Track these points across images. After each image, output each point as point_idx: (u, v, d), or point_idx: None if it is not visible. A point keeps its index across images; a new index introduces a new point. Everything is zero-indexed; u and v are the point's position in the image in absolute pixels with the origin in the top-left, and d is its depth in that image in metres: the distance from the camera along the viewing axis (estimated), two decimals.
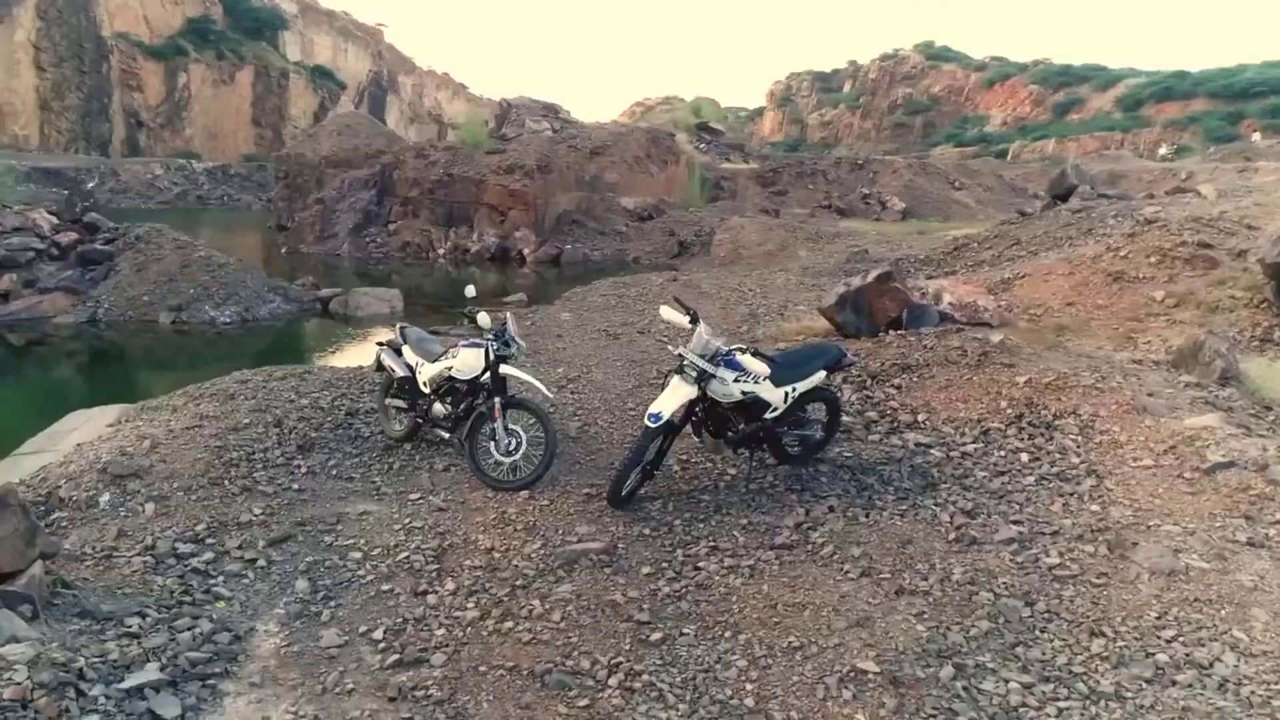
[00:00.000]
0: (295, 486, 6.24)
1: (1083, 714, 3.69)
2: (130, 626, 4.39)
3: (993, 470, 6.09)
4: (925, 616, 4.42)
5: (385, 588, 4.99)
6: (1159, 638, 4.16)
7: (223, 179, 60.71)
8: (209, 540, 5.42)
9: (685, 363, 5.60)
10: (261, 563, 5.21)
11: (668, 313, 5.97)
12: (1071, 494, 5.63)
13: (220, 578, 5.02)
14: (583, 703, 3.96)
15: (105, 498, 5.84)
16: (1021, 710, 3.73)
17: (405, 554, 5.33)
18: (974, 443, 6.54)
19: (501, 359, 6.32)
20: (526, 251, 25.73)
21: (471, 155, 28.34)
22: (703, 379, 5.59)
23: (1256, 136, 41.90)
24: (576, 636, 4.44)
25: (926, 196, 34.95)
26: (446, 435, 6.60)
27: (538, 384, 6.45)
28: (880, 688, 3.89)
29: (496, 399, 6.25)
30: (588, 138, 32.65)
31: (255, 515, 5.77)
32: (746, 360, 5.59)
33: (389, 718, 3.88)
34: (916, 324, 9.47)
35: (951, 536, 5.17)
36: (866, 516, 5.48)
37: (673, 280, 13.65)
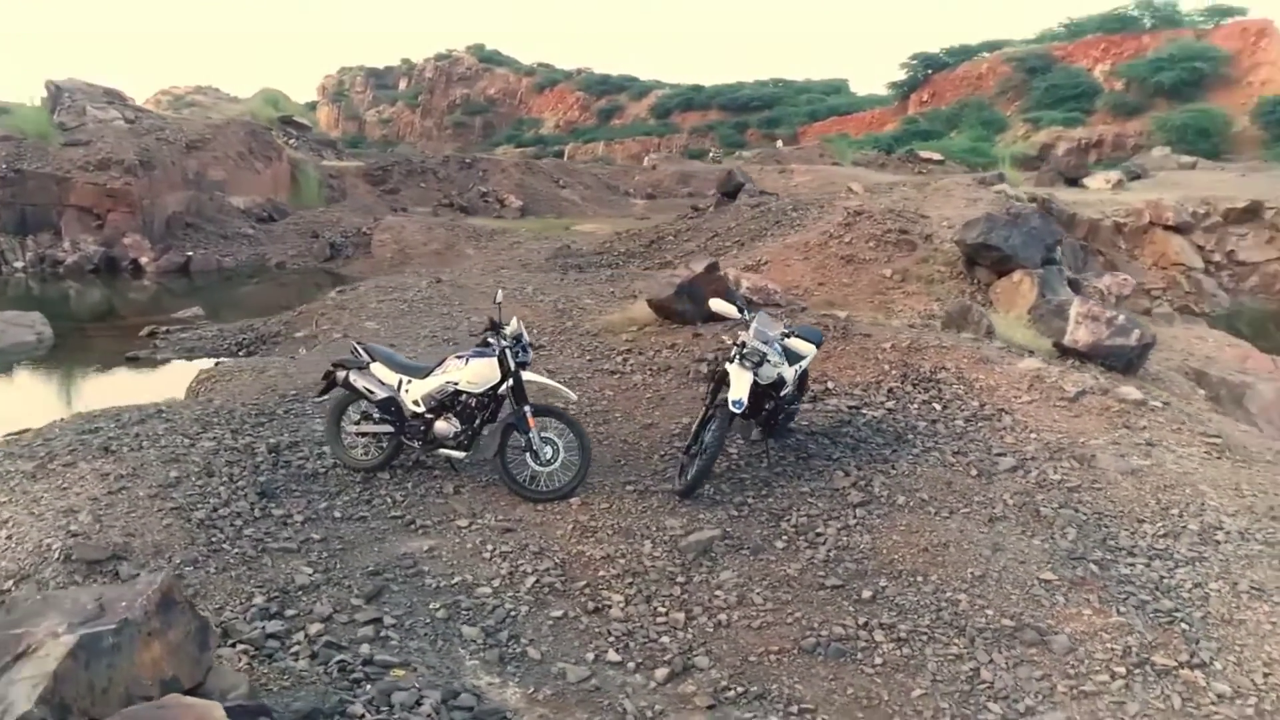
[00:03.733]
0: (316, 536, 5.32)
1: (1197, 573, 4.97)
2: (356, 718, 3.65)
3: (927, 419, 7.32)
4: (1029, 534, 5.43)
5: (555, 614, 4.67)
6: (1171, 515, 5.63)
7: None
8: (288, 612, 4.52)
9: (747, 349, 5.92)
10: (390, 620, 4.50)
11: (719, 305, 6.24)
12: (1003, 427, 7.05)
13: (364, 645, 4.26)
14: (878, 661, 4.28)
15: None
16: (1166, 581, 4.90)
17: (532, 579, 4.97)
18: (887, 400, 7.73)
19: (521, 365, 6.00)
20: (144, 260, 22.04)
21: (44, 148, 23.31)
22: (758, 364, 5.97)
23: (780, 144, 50.57)
24: (799, 611, 4.67)
25: (539, 194, 36.72)
26: (461, 455, 6.03)
27: (560, 388, 6.22)
28: (1071, 588, 4.80)
29: (526, 408, 5.93)
30: (179, 129, 28.72)
31: (309, 575, 4.87)
32: (793, 343, 6.12)
33: None
34: None
35: (974, 473, 6.25)
36: (894, 469, 6.34)
37: (437, 281, 13.10)
